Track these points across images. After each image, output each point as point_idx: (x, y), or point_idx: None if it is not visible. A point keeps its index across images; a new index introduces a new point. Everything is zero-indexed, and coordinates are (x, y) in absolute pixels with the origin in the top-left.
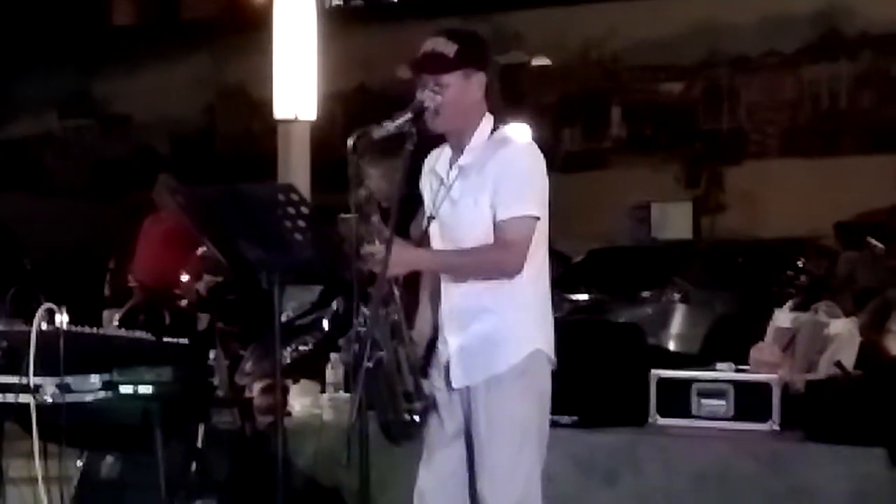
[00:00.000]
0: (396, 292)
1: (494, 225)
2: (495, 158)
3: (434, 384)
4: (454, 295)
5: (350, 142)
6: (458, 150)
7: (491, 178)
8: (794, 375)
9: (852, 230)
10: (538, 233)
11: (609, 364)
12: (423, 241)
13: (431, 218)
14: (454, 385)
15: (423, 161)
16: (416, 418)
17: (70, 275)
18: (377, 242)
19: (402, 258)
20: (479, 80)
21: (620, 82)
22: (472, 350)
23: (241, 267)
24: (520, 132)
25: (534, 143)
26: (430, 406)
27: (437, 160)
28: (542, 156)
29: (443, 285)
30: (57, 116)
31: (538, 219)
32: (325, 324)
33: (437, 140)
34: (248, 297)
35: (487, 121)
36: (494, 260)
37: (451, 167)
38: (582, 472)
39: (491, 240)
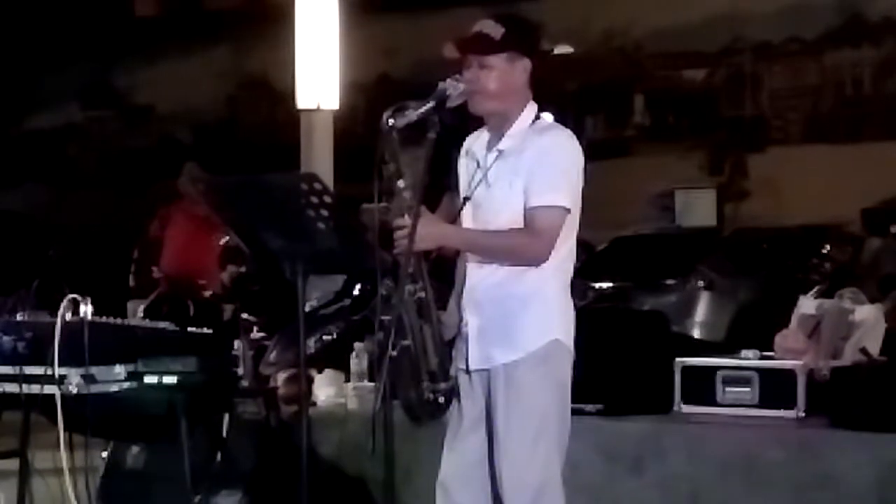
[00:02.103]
0: (425, 270)
1: (525, 211)
2: (535, 145)
3: (458, 366)
4: (476, 277)
5: (385, 115)
6: (497, 135)
7: (527, 164)
8: (820, 362)
9: (879, 216)
10: (566, 226)
11: (633, 352)
12: (456, 221)
13: (466, 199)
14: (471, 367)
15: (445, 149)
16: (440, 399)
17: (94, 265)
18: (406, 217)
19: (430, 232)
20: (524, 66)
21: (643, 70)
22: (490, 333)
23: (265, 257)
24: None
25: (575, 137)
26: (455, 387)
27: (475, 143)
28: (581, 150)
29: (468, 266)
30: (80, 108)
31: (569, 211)
32: (356, 290)
33: (460, 128)
34: (272, 288)
35: (531, 109)
36: (521, 245)
37: (488, 151)
38: (607, 460)
39: (519, 225)
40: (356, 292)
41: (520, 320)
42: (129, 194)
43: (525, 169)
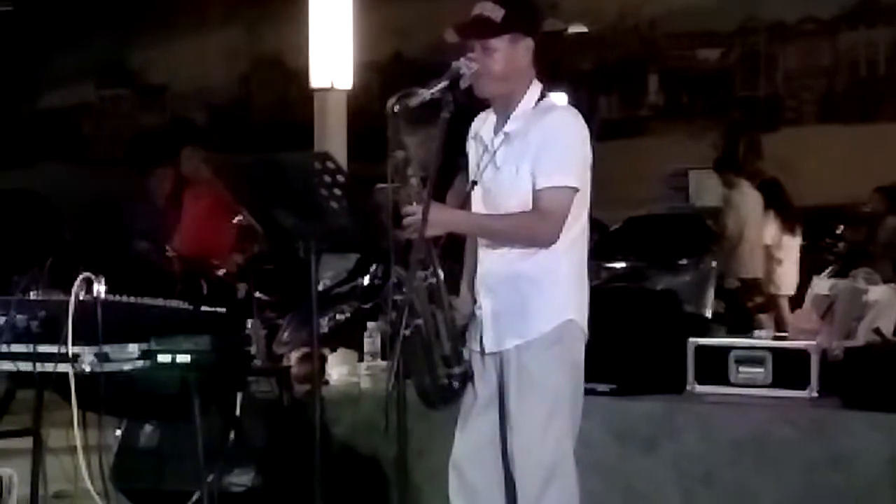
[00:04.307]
0: (435, 255)
1: (533, 193)
2: (539, 126)
3: (472, 349)
4: (489, 260)
5: (390, 103)
6: (503, 117)
7: (533, 146)
8: (833, 342)
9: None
10: (577, 205)
11: (646, 332)
12: (466, 204)
13: (475, 183)
14: (487, 350)
15: (459, 130)
16: (454, 384)
17: (108, 244)
18: (415, 204)
19: (439, 219)
20: (526, 46)
21: (657, 49)
22: (504, 316)
23: (279, 236)
24: (560, 101)
25: (579, 114)
26: (469, 371)
27: (483, 126)
28: (586, 127)
29: (479, 250)
30: (94, 86)
31: (577, 190)
32: (366, 279)
33: (474, 109)
34: (286, 267)
35: (535, 88)
36: (530, 227)
37: (495, 133)
38: (620, 440)
39: (529, 207)
40: (366, 281)
41: (533, 302)
42: (143, 173)
43: (531, 151)
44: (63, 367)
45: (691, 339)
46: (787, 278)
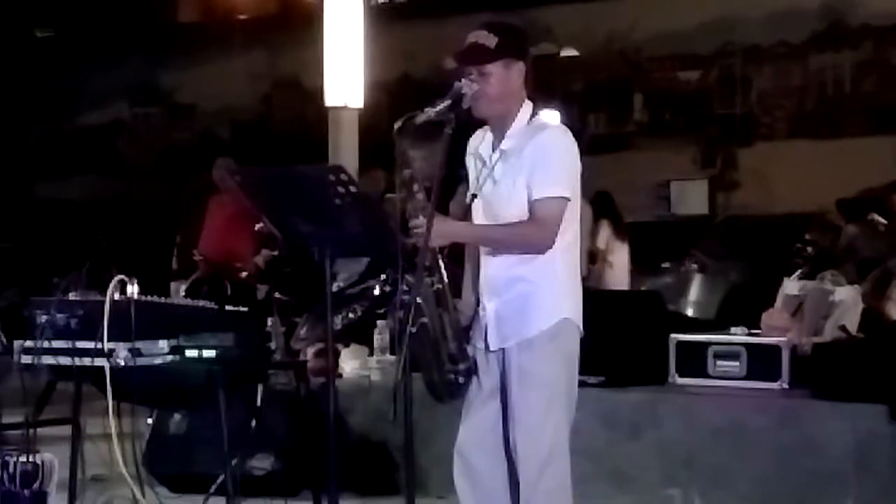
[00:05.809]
0: (440, 263)
1: (529, 204)
2: (532, 143)
3: (476, 345)
4: (491, 266)
5: (396, 125)
6: (499, 135)
7: (528, 162)
8: (802, 338)
9: (853, 206)
10: (569, 212)
11: (632, 329)
12: (467, 216)
13: (475, 196)
14: (491, 347)
15: (461, 144)
16: (460, 379)
17: (140, 249)
18: (420, 217)
19: (443, 230)
20: (518, 69)
21: (642, 71)
22: (506, 316)
23: (296, 241)
24: (552, 118)
25: (568, 130)
26: (473, 367)
27: (481, 143)
28: (574, 141)
29: (482, 257)
30: (128, 105)
31: (568, 200)
32: (377, 289)
33: (475, 125)
34: (302, 270)
35: (527, 108)
36: (526, 235)
37: (493, 150)
38: (607, 427)
39: (526, 217)
40: (377, 291)
41: (532, 302)
42: (173, 185)
43: (526, 166)
44: (99, 362)
45: (673, 335)
46: (617, 278)
